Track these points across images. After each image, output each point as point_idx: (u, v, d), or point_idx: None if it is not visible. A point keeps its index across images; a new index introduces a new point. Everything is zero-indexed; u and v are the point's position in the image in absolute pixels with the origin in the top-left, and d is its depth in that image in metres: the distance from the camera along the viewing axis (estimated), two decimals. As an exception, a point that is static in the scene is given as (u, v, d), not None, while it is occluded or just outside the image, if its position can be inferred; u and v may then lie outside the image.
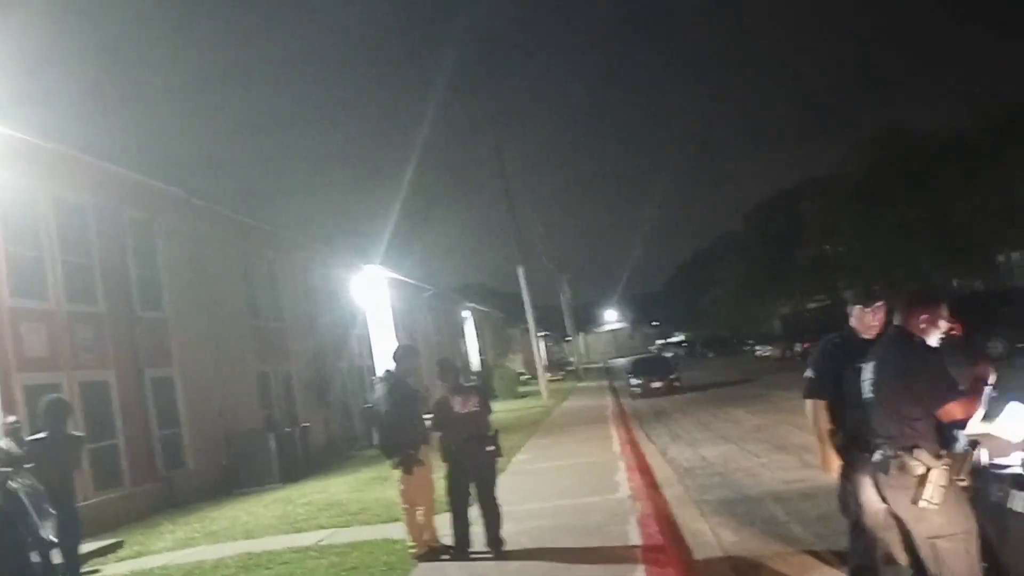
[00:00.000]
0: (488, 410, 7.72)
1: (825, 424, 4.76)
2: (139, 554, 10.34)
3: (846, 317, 4.88)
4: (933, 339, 3.80)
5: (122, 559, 10.15)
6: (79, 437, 8.90)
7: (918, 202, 33.65)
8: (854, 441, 4.53)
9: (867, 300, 4.74)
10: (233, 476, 16.59)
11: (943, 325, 3.83)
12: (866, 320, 4.69)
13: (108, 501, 13.46)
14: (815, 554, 6.22)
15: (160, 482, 15.29)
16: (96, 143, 16.16)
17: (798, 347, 39.01)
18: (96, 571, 9.60)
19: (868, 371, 3.90)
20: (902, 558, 4.43)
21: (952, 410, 3.54)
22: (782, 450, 12.07)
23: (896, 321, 3.91)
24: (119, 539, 11.33)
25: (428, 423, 7.60)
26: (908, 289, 4.19)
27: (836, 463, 4.73)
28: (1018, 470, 3.26)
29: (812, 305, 56.61)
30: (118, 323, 15.15)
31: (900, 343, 3.83)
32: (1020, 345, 19.76)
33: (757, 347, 51.56)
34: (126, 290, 15.65)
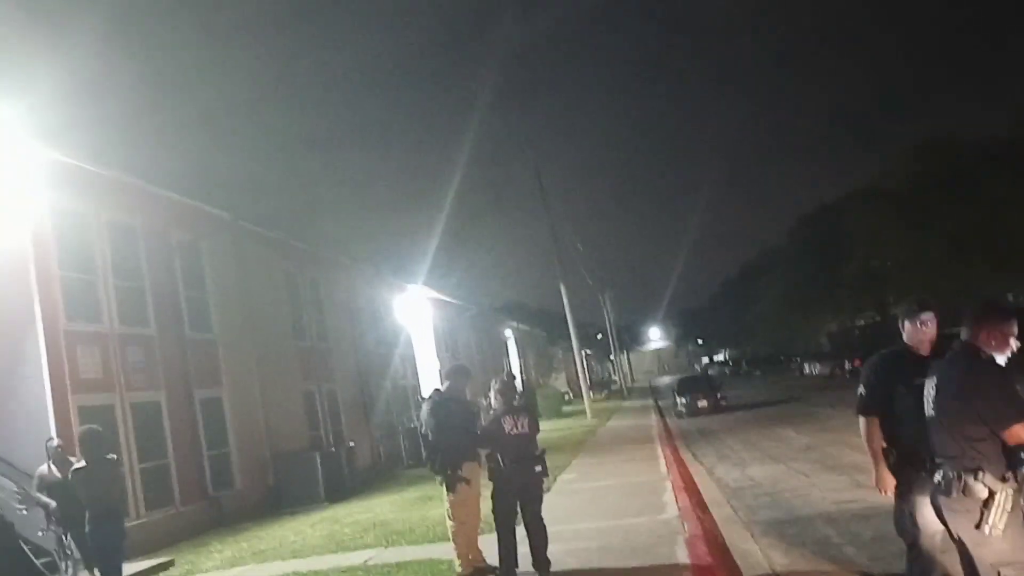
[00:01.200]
0: (537, 430, 7.71)
1: (879, 442, 4.66)
2: (189, 573, 10.47)
3: (898, 333, 4.78)
4: (1001, 356, 3.66)
5: (172, 578, 10.28)
6: (115, 461, 8.72)
7: (968, 212, 32.97)
8: (909, 460, 4.43)
9: (917, 312, 4.64)
10: (279, 496, 16.73)
11: (1013, 342, 3.70)
12: (919, 334, 4.60)
13: (159, 520, 13.66)
14: (868, 575, 6.08)
15: (209, 501, 15.47)
16: (144, 167, 16.50)
17: (848, 364, 38.31)
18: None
19: (930, 388, 3.78)
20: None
21: (1019, 432, 3.38)
22: (833, 470, 11.84)
23: (963, 336, 3.78)
24: (170, 558, 11.47)
25: (477, 440, 7.60)
26: (977, 304, 3.98)
27: (891, 483, 4.63)
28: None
29: (861, 322, 55.63)
30: (168, 344, 15.42)
31: (965, 359, 3.68)
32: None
33: (805, 364, 50.75)
34: (176, 312, 15.93)
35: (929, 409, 3.76)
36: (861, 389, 4.83)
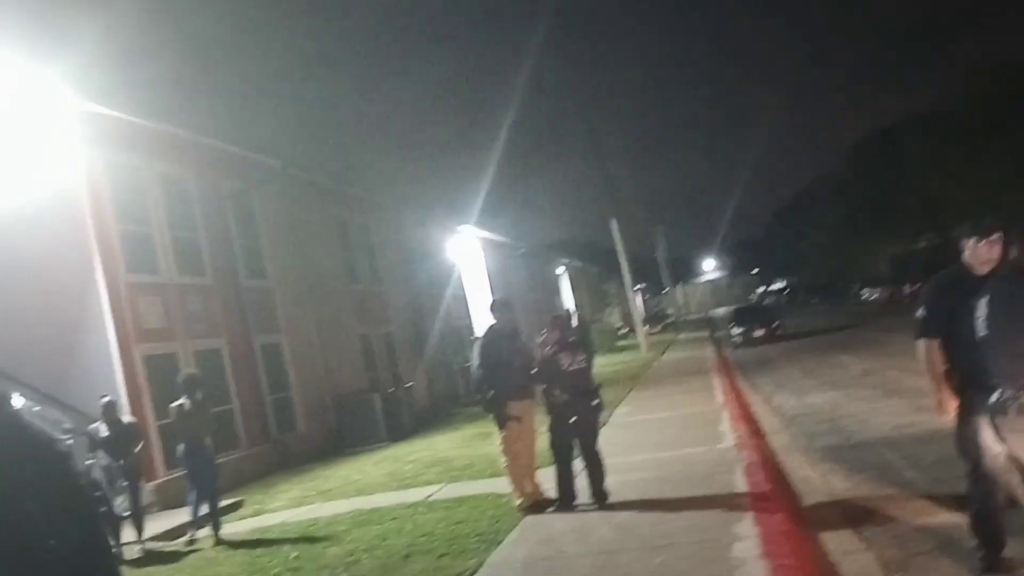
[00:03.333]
0: (592, 365, 7.73)
1: (939, 365, 4.54)
2: (258, 512, 10.81)
3: (958, 255, 4.62)
4: None
5: (243, 517, 10.62)
6: (207, 404, 9.69)
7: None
8: (971, 381, 4.32)
9: (982, 232, 4.47)
10: (341, 436, 17.12)
11: None
12: (980, 254, 4.43)
13: (227, 463, 14.08)
14: (932, 498, 6.01)
15: (273, 444, 15.90)
16: (194, 120, 16.63)
17: (907, 288, 37.55)
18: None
19: (982, 307, 3.68)
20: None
21: None
22: (893, 395, 11.69)
23: (1012, 256, 3.66)
24: (239, 498, 11.87)
25: (533, 377, 7.64)
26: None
27: (952, 405, 4.52)
28: None
29: (922, 244, 54.28)
30: (225, 293, 15.72)
31: (1014, 278, 3.59)
32: None
33: (863, 290, 49.88)
34: (231, 261, 16.19)
35: (982, 329, 3.66)
36: (921, 312, 4.69)
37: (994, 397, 3.57)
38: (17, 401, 9.14)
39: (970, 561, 4.52)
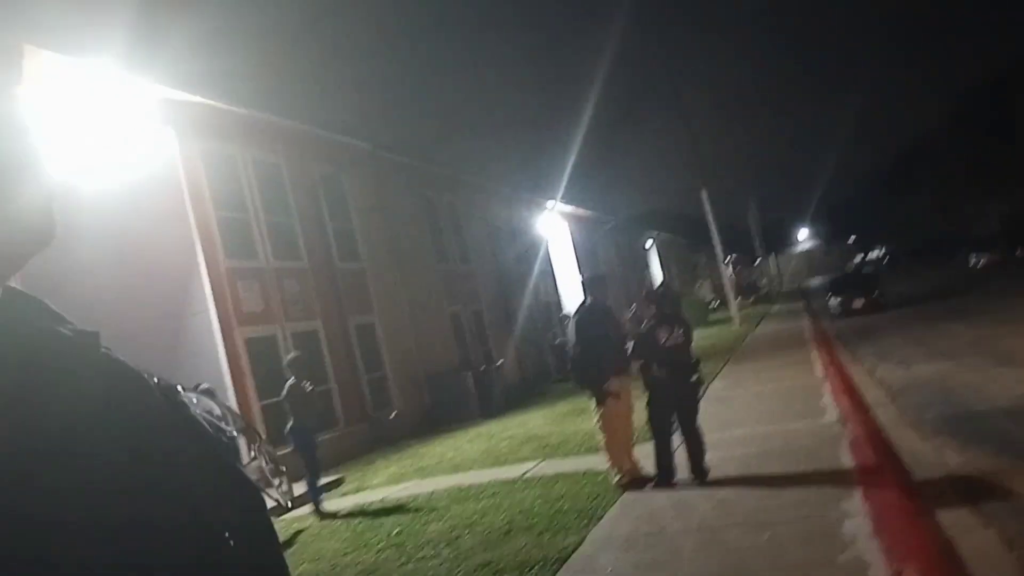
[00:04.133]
0: (691, 339, 7.58)
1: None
2: (358, 489, 11.03)
3: None
4: None
5: (345, 494, 10.86)
6: (311, 387, 10.06)
7: None
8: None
9: None
10: (435, 414, 17.33)
11: None
12: None
13: (327, 441, 14.42)
14: (1059, 473, 5.66)
15: (370, 422, 16.21)
16: (283, 106, 16.97)
17: (1020, 251, 35.69)
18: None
19: None
20: None
21: None
22: (1009, 363, 11.09)
23: None
24: (340, 476, 12.14)
25: (629, 351, 7.54)
26: None
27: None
28: None
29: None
30: (320, 275, 16.05)
31: None
32: None
33: (971, 255, 47.70)
34: (324, 244, 16.50)
35: None
36: None
37: None
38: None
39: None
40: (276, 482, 10.25)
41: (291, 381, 9.62)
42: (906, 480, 6.28)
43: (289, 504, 10.15)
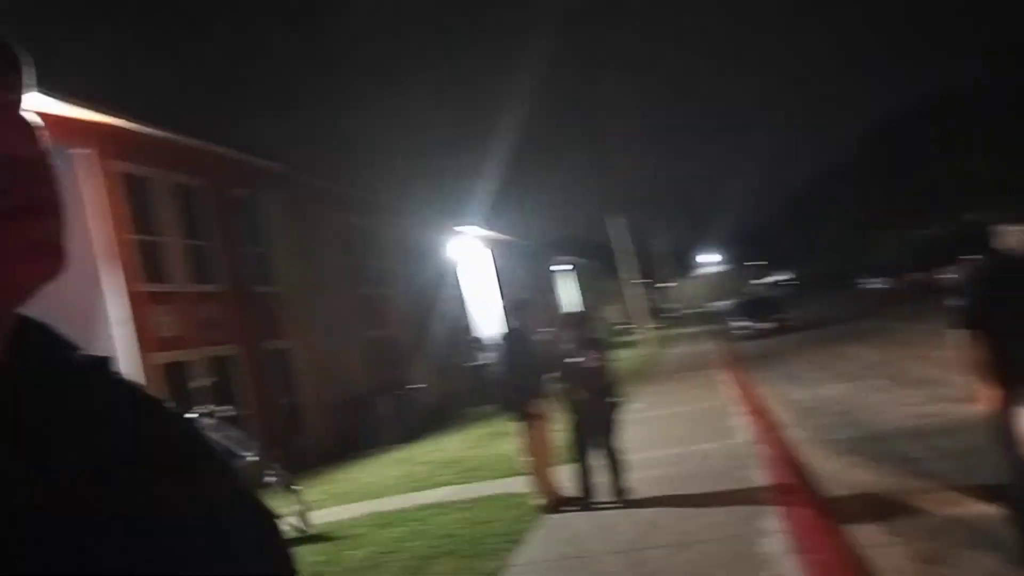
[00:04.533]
0: (610, 361, 7.73)
1: (984, 355, 4.50)
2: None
3: (970, 241, 4.60)
4: None
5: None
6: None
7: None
8: (1016, 371, 4.29)
9: None
10: (352, 439, 17.10)
11: None
12: None
13: (239, 469, 14.08)
14: (960, 489, 5.97)
15: (285, 449, 15.86)
16: (201, 128, 16.66)
17: (917, 276, 37.48)
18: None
19: None
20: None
21: None
22: (908, 385, 11.63)
23: None
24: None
25: (550, 376, 7.63)
26: None
27: (993, 395, 4.48)
28: None
29: (932, 232, 54.21)
30: (237, 300, 15.73)
31: None
32: None
33: (872, 280, 49.76)
34: (242, 268, 16.19)
35: None
36: (960, 301, 4.64)
37: None
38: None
39: (1010, 552, 4.48)
40: (294, 507, 9.66)
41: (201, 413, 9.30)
42: (819, 499, 6.53)
43: (307, 530, 9.44)
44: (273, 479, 9.70)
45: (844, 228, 60.36)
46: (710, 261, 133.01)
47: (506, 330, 7.90)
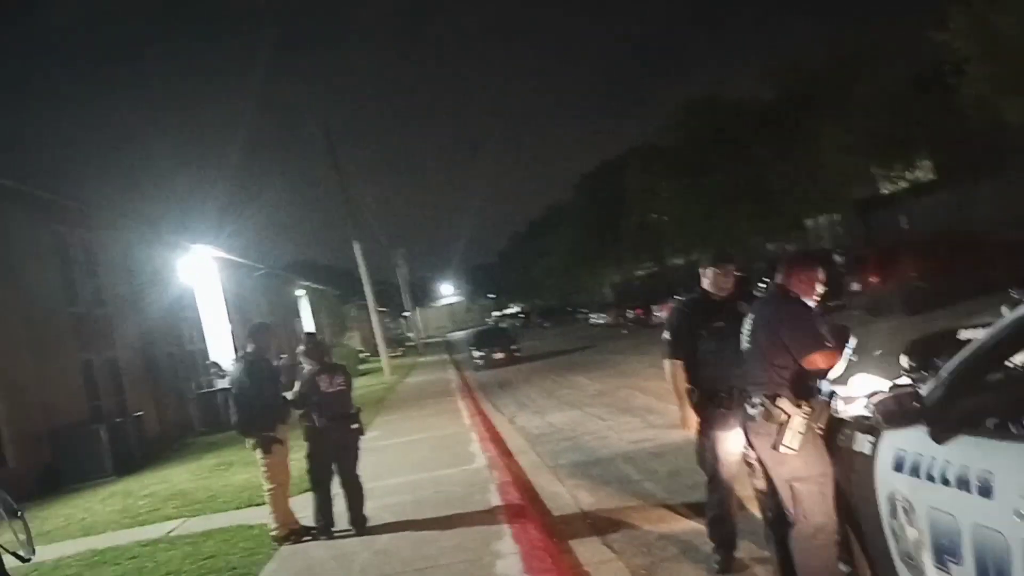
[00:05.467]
0: (351, 388, 7.71)
1: (683, 383, 5.05)
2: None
3: (677, 282, 5.20)
4: (809, 299, 4.10)
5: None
6: None
7: (732, 169, 35.55)
8: (711, 398, 4.86)
9: (721, 263, 5.05)
10: (60, 472, 15.53)
11: (819, 286, 4.14)
12: (720, 281, 4.99)
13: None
14: (669, 507, 6.59)
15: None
16: None
17: (630, 313, 40.60)
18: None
19: (747, 324, 4.17)
20: (754, 506, 4.81)
21: (816, 360, 3.85)
22: (626, 412, 12.61)
23: (776, 280, 4.19)
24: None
25: (289, 401, 7.46)
26: (789, 253, 4.44)
27: (694, 420, 5.03)
28: (862, 413, 3.58)
29: (640, 272, 59.06)
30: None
31: (776, 299, 4.13)
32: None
33: (591, 315, 53.23)
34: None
35: (745, 343, 4.15)
36: (666, 334, 5.18)
37: (747, 404, 4.03)
38: None
39: (708, 563, 5.03)
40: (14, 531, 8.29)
41: None
42: (547, 520, 6.93)
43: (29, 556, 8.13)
44: None
45: (568, 264, 64.28)
46: (449, 292, 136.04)
47: (241, 354, 7.65)
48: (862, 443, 3.50)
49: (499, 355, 30.35)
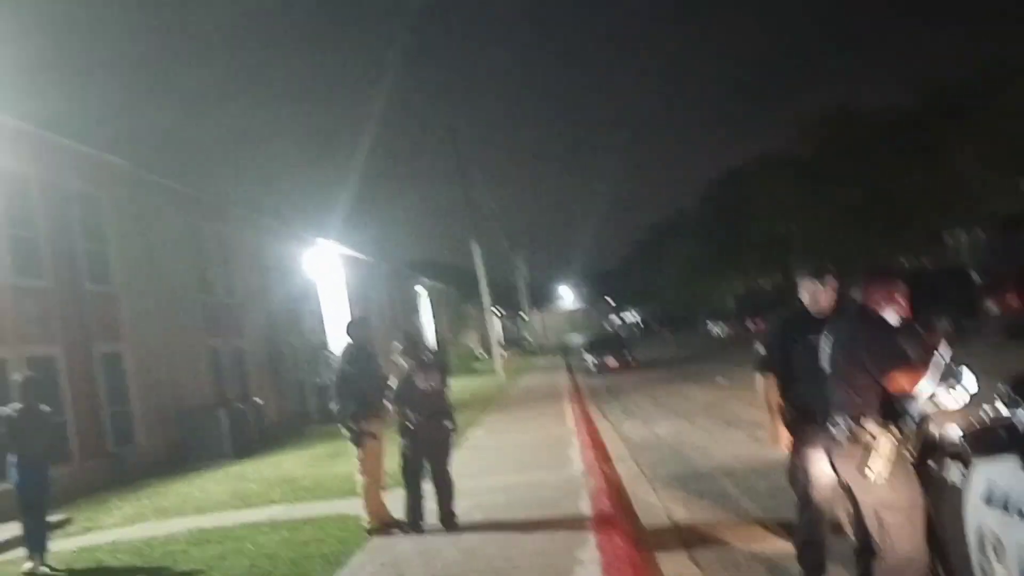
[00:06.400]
0: (448, 386, 7.75)
1: (775, 399, 4.83)
2: (87, 530, 10.18)
3: (797, 294, 4.95)
4: (890, 315, 3.85)
5: (70, 535, 9.97)
6: (47, 412, 8.64)
7: (865, 181, 34.16)
8: (803, 415, 4.62)
9: (819, 277, 4.80)
10: (184, 452, 16.39)
11: (901, 302, 3.88)
12: (818, 297, 4.75)
13: (55, 477, 13.20)
14: (764, 526, 6.33)
15: (109, 459, 15.04)
16: (42, 115, 15.71)
17: (751, 324, 39.57)
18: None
19: (826, 345, 3.96)
20: (849, 530, 4.54)
21: (898, 378, 3.57)
22: (733, 426, 12.25)
23: (855, 297, 3.96)
24: (67, 516, 11.12)
25: (387, 396, 7.58)
26: (867, 267, 4.17)
27: (786, 437, 4.81)
28: (954, 440, 3.32)
29: (765, 283, 57.48)
30: (64, 297, 14.83)
31: (856, 317, 3.89)
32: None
33: (711, 324, 52.20)
34: (73, 264, 15.29)
35: (825, 364, 3.93)
36: (759, 348, 4.98)
37: (831, 427, 3.82)
38: None
39: (795, 585, 4.80)
40: None
41: (19, 406, 8.19)
42: (636, 530, 6.77)
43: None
44: None
45: (690, 272, 63.22)
46: (568, 297, 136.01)
47: (344, 347, 7.82)
48: (953, 472, 3.24)
49: (613, 362, 30.16)
